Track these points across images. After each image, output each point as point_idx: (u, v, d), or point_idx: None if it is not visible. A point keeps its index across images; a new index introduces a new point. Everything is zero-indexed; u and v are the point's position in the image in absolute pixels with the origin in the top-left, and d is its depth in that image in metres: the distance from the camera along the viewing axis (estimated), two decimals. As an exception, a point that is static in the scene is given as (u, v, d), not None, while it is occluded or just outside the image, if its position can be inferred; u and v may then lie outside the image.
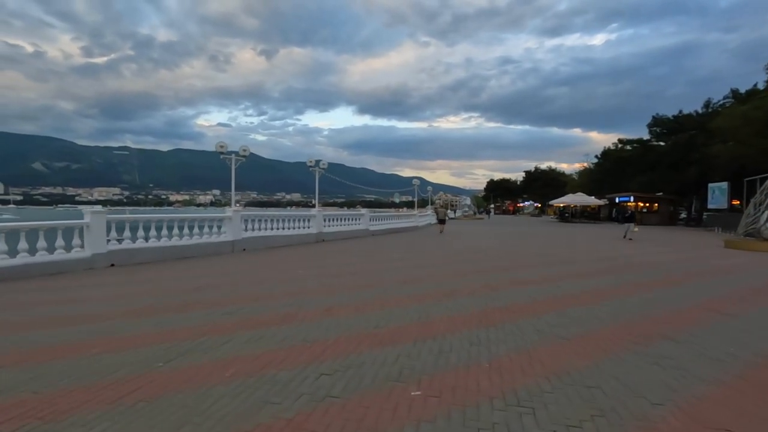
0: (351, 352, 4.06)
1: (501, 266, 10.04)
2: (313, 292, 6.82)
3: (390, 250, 14.13)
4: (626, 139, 56.12)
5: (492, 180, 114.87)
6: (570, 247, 15.81)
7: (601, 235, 23.83)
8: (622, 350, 4.19)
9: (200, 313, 5.46)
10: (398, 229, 24.15)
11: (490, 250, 14.21)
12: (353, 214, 20.20)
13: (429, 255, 12.46)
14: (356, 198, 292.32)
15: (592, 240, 19.69)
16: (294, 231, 15.85)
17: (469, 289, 7.10)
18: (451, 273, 8.95)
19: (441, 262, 10.70)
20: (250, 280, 7.97)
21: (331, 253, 13.02)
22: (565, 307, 5.89)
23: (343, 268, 9.64)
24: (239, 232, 13.19)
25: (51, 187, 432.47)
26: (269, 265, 10.47)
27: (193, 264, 10.38)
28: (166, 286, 7.41)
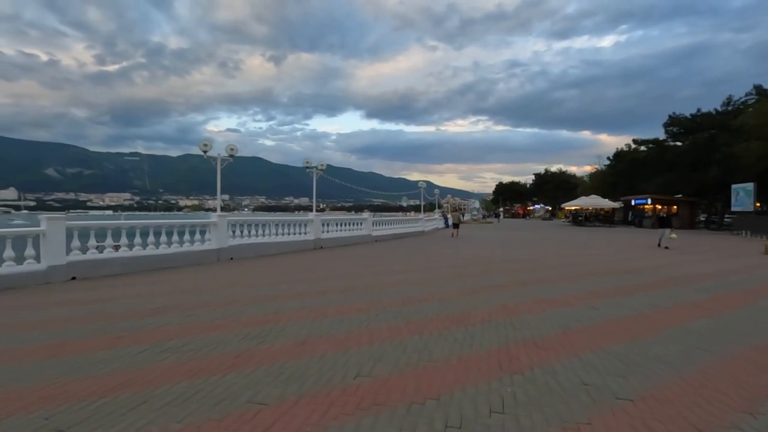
0: (314, 422, 2.74)
1: (520, 280, 8.63)
2: (289, 317, 5.50)
3: (392, 258, 12.79)
4: (641, 139, 54.24)
5: (501, 183, 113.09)
6: (596, 254, 14.32)
7: (624, 239, 22.19)
8: (718, 423, 2.80)
9: (131, 350, 4.17)
10: (403, 234, 22.78)
11: (504, 258, 12.78)
12: (355, 218, 18.90)
13: (435, 265, 11.09)
14: (364, 202, 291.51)
15: (618, 246, 18.11)
16: (288, 237, 14.58)
17: (484, 313, 5.73)
18: (460, 289, 7.57)
19: (449, 275, 9.32)
20: (220, 299, 6.69)
21: (327, 262, 11.72)
22: (609, 341, 4.50)
23: (335, 282, 8.31)
24: (225, 240, 11.96)
25: (64, 192, 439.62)
26: (251, 277, 9.18)
27: (167, 277, 9.14)
28: (115, 308, 6.15)
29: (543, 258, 12.81)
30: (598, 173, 70.74)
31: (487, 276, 9.08)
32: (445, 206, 54.99)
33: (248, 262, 11.52)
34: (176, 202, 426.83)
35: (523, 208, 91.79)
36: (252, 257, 12.56)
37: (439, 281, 8.38)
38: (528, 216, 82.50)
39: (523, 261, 12.00)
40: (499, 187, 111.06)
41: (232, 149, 12.35)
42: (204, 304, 6.27)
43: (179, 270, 10.07)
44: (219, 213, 11.91)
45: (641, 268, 10.65)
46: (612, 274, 9.55)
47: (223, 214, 12.00)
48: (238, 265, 10.96)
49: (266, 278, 8.94)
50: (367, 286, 7.82)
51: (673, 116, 49.49)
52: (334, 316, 5.51)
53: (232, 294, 7.06)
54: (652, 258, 13.19)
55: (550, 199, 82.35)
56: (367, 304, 6.29)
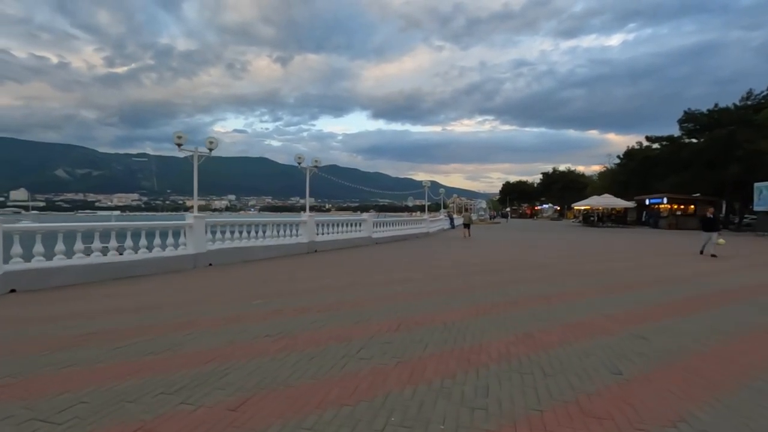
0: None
1: (540, 294, 7.23)
2: (243, 352, 4.18)
3: (392, 265, 11.44)
4: (654, 136, 52.44)
5: (508, 182, 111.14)
6: (623, 260, 12.86)
7: (647, 242, 20.60)
8: None
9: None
10: (406, 236, 21.41)
11: (518, 265, 11.37)
12: (353, 219, 17.55)
13: (440, 273, 9.72)
14: (370, 202, 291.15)
15: (644, 251, 16.60)
16: (279, 240, 13.28)
17: (501, 346, 4.36)
18: (468, 307, 6.19)
19: (455, 287, 7.94)
20: (172, 321, 5.40)
21: (318, 269, 10.40)
22: (684, 399, 3.12)
23: (320, 296, 6.98)
24: (203, 244, 10.68)
25: (73, 193, 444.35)
26: (225, 290, 7.88)
27: (128, 288, 7.88)
28: (35, 333, 4.87)
29: (563, 264, 11.38)
30: (607, 172, 68.98)
31: (501, 290, 7.69)
32: (450, 206, 53.51)
33: (229, 270, 10.23)
34: (183, 202, 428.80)
35: (530, 208, 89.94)
36: (235, 263, 11.28)
37: (444, 295, 7.01)
38: (536, 216, 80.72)
39: (541, 268, 10.57)
40: (506, 186, 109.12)
41: (212, 142, 11.07)
42: (147, 329, 4.96)
43: (146, 279, 8.81)
44: (196, 214, 10.64)
45: (682, 278, 9.20)
46: (649, 285, 8.12)
47: (201, 215, 10.73)
48: (216, 274, 9.67)
49: (242, 290, 7.63)
50: (358, 301, 6.48)
51: (689, 112, 47.61)
52: (302, 351, 4.18)
53: (190, 313, 5.76)
54: (689, 264, 11.71)
55: (558, 198, 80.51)
56: (351, 329, 4.95)
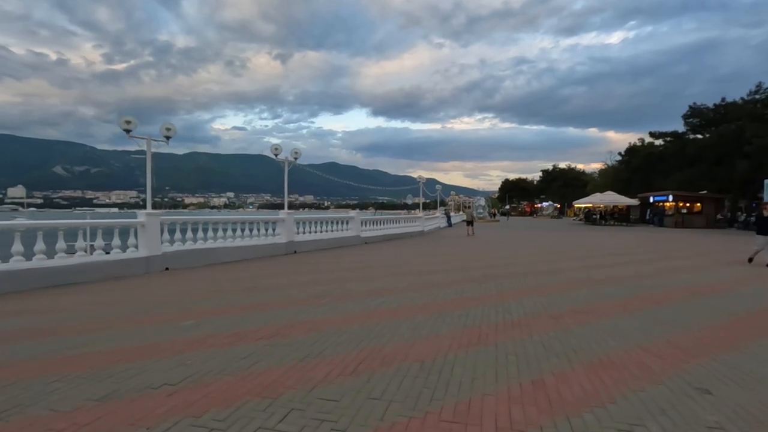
0: None
1: (552, 312, 5.83)
2: (122, 411, 2.78)
3: (376, 270, 10.03)
4: (658, 132, 51.13)
5: (507, 180, 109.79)
6: (645, 262, 11.46)
7: (657, 241, 19.19)
8: None
9: None
10: (399, 234, 19.99)
11: (523, 270, 9.97)
12: (339, 217, 16.11)
13: (430, 281, 8.31)
14: (369, 200, 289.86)
15: (665, 252, 15.20)
16: (252, 241, 11.85)
17: (500, 407, 2.96)
18: (458, 333, 4.80)
19: (445, 301, 6.54)
20: (52, 355, 4.03)
21: (288, 274, 9.00)
22: None
23: (270, 316, 5.58)
24: (157, 245, 9.26)
25: (71, 190, 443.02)
26: (163, 302, 6.46)
27: (44, 301, 6.47)
28: None
29: (574, 268, 9.98)
30: (609, 170, 67.82)
31: (500, 303, 6.28)
32: (449, 204, 52.14)
33: (186, 276, 8.82)
34: (182, 199, 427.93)
35: (530, 206, 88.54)
36: (198, 267, 9.88)
37: (429, 313, 5.60)
38: (535, 214, 79.29)
39: (549, 274, 9.17)
40: (505, 184, 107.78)
41: (169, 129, 9.63)
42: (15, 369, 3.56)
43: (79, 289, 7.40)
44: (149, 211, 9.22)
45: (723, 291, 7.81)
46: (686, 299, 6.72)
47: (155, 212, 9.30)
48: (167, 281, 8.27)
49: (183, 304, 6.21)
50: (316, 323, 5.07)
51: (694, 107, 46.23)
52: (200, 416, 2.78)
53: (85, 343, 4.34)
54: (726, 272, 10.33)
55: (559, 196, 79.18)
56: (288, 373, 3.54)
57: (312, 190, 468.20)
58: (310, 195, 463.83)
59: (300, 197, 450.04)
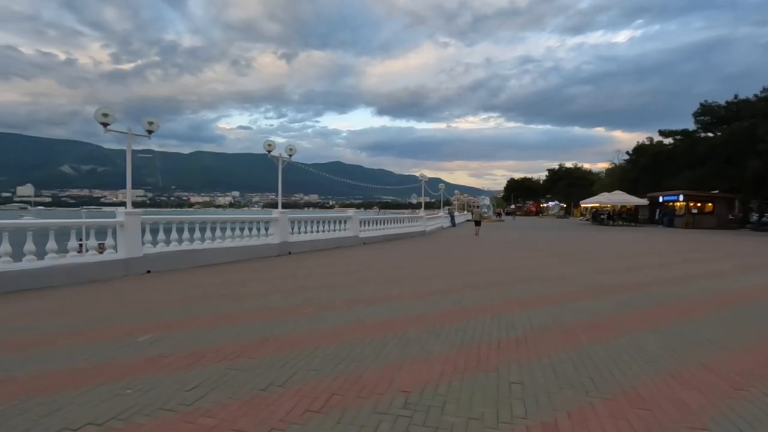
0: None
1: (564, 326, 5.15)
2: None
3: (372, 273, 9.38)
4: (668, 130, 50.06)
5: (513, 179, 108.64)
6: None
7: (673, 242, 18.36)
8: None
9: None
10: (400, 235, 19.32)
11: (529, 276, 9.28)
12: (337, 216, 15.47)
13: (426, 288, 7.66)
14: (374, 199, 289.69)
15: (681, 255, 14.43)
16: (242, 241, 11.25)
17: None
18: (452, 354, 4.14)
19: (441, 312, 5.89)
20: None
21: (274, 280, 8.38)
22: None
23: (240, 330, 4.96)
24: (138, 247, 8.67)
25: (78, 189, 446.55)
26: (130, 310, 5.85)
27: (1, 308, 5.90)
28: None
29: (589, 273, 9.27)
30: (615, 169, 66.80)
31: (504, 315, 5.62)
32: (453, 203, 51.40)
33: (167, 278, 8.23)
34: (188, 198, 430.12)
35: (536, 205, 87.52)
36: (182, 269, 9.29)
37: (423, 327, 4.95)
38: (541, 214, 78.32)
39: (560, 279, 8.48)
40: (510, 183, 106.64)
41: (151, 123, 9.03)
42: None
43: (48, 293, 6.81)
44: (128, 209, 8.63)
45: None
46: (715, 310, 6.00)
47: (135, 210, 8.70)
48: (146, 284, 7.68)
49: (149, 313, 5.59)
50: (291, 340, 4.43)
51: (706, 105, 45.15)
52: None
53: (27, 358, 3.75)
54: (752, 278, 9.57)
55: (565, 196, 78.11)
56: (243, 409, 2.91)
57: (317, 189, 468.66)
58: (315, 194, 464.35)
59: (305, 196, 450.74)
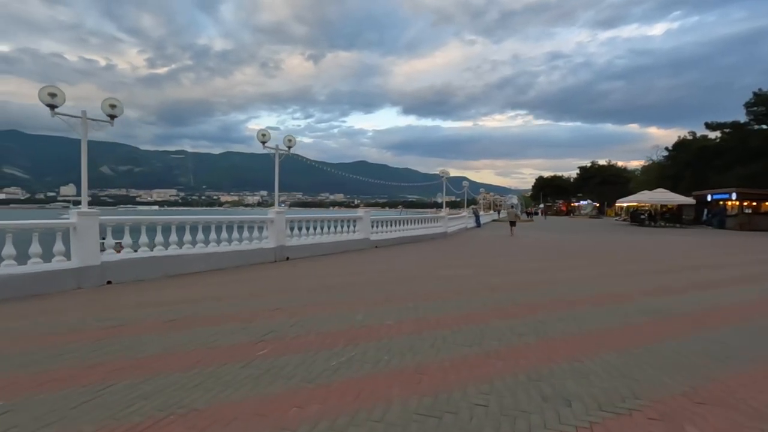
0: None
1: (643, 402, 3.34)
2: None
3: (367, 289, 7.71)
4: (715, 123, 46.09)
5: (541, 177, 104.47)
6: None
7: (734, 247, 15.77)
8: None
9: None
10: (416, 237, 17.55)
11: (576, 295, 7.38)
12: (344, 216, 13.85)
13: (433, 315, 5.93)
14: (399, 198, 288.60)
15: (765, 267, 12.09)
16: (228, 247, 9.80)
17: None
18: None
19: (444, 376, 4.17)
20: None
21: (248, 298, 6.84)
22: None
23: (149, 390, 3.40)
24: (95, 254, 7.32)
25: (116, 189, 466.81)
26: (53, 338, 4.41)
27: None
28: None
29: (650, 293, 7.29)
30: (653, 166, 62.65)
31: (545, 367, 3.84)
32: (479, 202, 49.09)
33: (121, 293, 6.84)
34: (218, 198, 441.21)
35: (566, 204, 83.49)
36: (152, 278, 7.92)
37: (412, 395, 3.26)
38: (572, 213, 74.50)
39: (610, 301, 6.56)
40: (539, 181, 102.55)
41: (113, 105, 7.67)
42: None
43: None
44: (83, 210, 7.29)
45: None
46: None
47: (91, 211, 7.35)
48: (86, 300, 6.29)
49: (35, 354, 4.14)
50: (205, 422, 2.85)
51: (760, 93, 41.18)
52: None
53: None
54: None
55: (598, 194, 73.99)
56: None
57: (342, 189, 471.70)
58: (340, 194, 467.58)
59: (330, 195, 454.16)
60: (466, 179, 31.26)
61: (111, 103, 7.53)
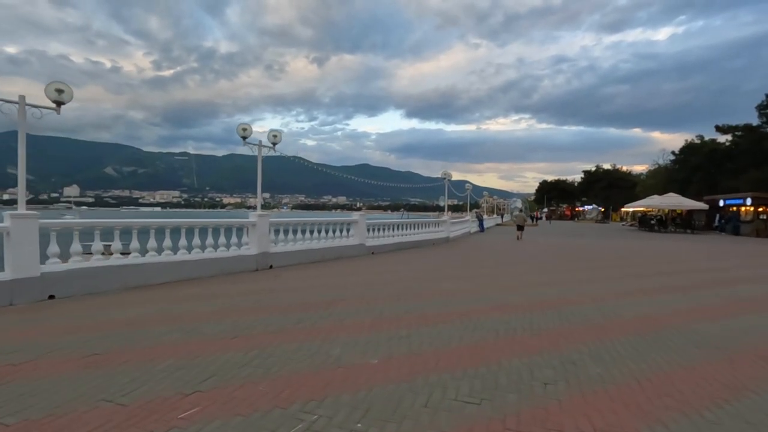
0: None
1: None
2: None
3: (349, 309, 6.56)
4: (726, 125, 44.81)
5: (545, 181, 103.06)
6: None
7: (758, 256, 14.51)
8: None
9: None
10: (416, 243, 16.37)
11: (605, 316, 6.21)
12: (337, 220, 12.70)
13: (427, 346, 4.78)
14: (401, 201, 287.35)
15: None
16: (201, 254, 8.67)
17: None
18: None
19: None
20: None
21: (200, 319, 5.71)
22: None
23: None
24: (33, 263, 6.20)
25: (120, 190, 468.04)
26: None
27: None
28: None
29: (687, 314, 6.11)
30: (659, 170, 61.37)
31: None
32: (482, 206, 47.85)
33: (74, 307, 5.74)
34: (220, 199, 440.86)
35: (570, 209, 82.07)
36: (107, 291, 6.81)
37: None
38: (577, 218, 73.14)
39: (643, 324, 5.39)
40: (543, 185, 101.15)
41: (61, 91, 6.57)
42: None
43: None
44: (21, 212, 6.17)
45: None
46: None
47: (27, 213, 6.23)
48: (32, 318, 5.19)
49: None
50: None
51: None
52: None
53: None
54: None
55: (603, 199, 72.56)
56: None
57: (345, 191, 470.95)
58: (342, 196, 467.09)
59: (333, 198, 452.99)
60: (468, 182, 30.13)
61: (57, 88, 6.43)
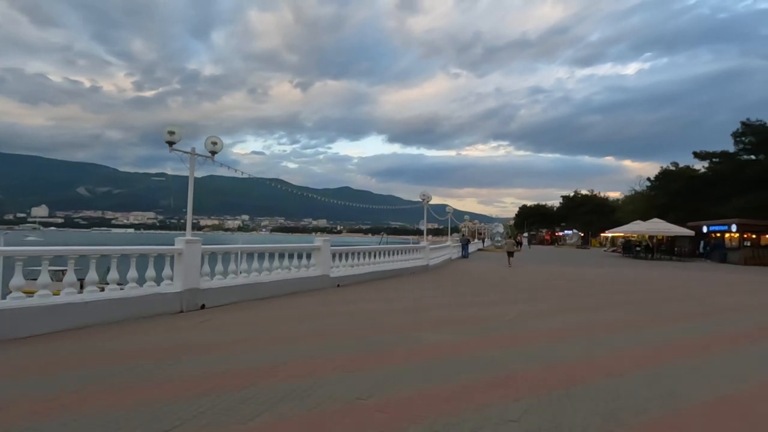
0: None
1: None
2: None
3: (281, 394, 4.53)
4: (704, 152, 45.15)
5: (525, 206, 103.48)
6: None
7: (757, 285, 13.04)
8: None
9: None
10: (390, 272, 14.37)
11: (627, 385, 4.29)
12: (297, 247, 10.64)
13: None
14: (382, 224, 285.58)
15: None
16: (98, 295, 6.53)
17: None
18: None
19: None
20: None
21: (54, 392, 3.59)
22: None
23: None
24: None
25: (92, 210, 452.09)
26: None
27: None
28: None
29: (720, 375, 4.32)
30: (637, 196, 61.83)
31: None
32: (463, 230, 46.40)
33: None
34: (197, 221, 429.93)
35: (550, 234, 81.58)
36: None
37: None
38: (557, 243, 72.48)
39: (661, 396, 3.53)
40: (523, 210, 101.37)
41: None
42: None
43: None
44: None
45: None
46: None
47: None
48: None
49: None
50: None
51: (748, 123, 40.34)
52: None
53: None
54: None
55: (583, 224, 72.50)
56: None
57: (326, 214, 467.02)
58: (323, 219, 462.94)
59: (313, 221, 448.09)
60: (449, 206, 28.69)
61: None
